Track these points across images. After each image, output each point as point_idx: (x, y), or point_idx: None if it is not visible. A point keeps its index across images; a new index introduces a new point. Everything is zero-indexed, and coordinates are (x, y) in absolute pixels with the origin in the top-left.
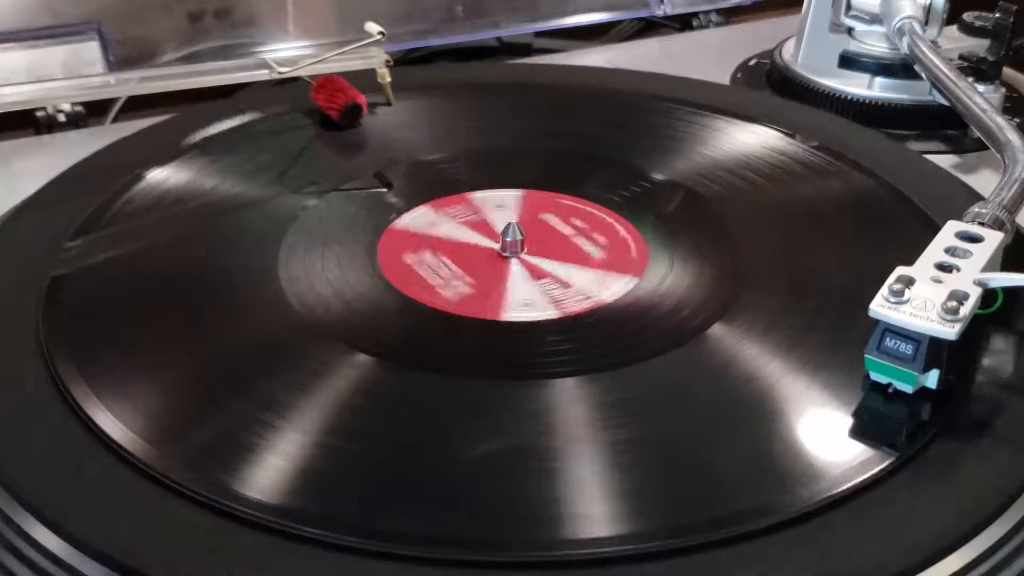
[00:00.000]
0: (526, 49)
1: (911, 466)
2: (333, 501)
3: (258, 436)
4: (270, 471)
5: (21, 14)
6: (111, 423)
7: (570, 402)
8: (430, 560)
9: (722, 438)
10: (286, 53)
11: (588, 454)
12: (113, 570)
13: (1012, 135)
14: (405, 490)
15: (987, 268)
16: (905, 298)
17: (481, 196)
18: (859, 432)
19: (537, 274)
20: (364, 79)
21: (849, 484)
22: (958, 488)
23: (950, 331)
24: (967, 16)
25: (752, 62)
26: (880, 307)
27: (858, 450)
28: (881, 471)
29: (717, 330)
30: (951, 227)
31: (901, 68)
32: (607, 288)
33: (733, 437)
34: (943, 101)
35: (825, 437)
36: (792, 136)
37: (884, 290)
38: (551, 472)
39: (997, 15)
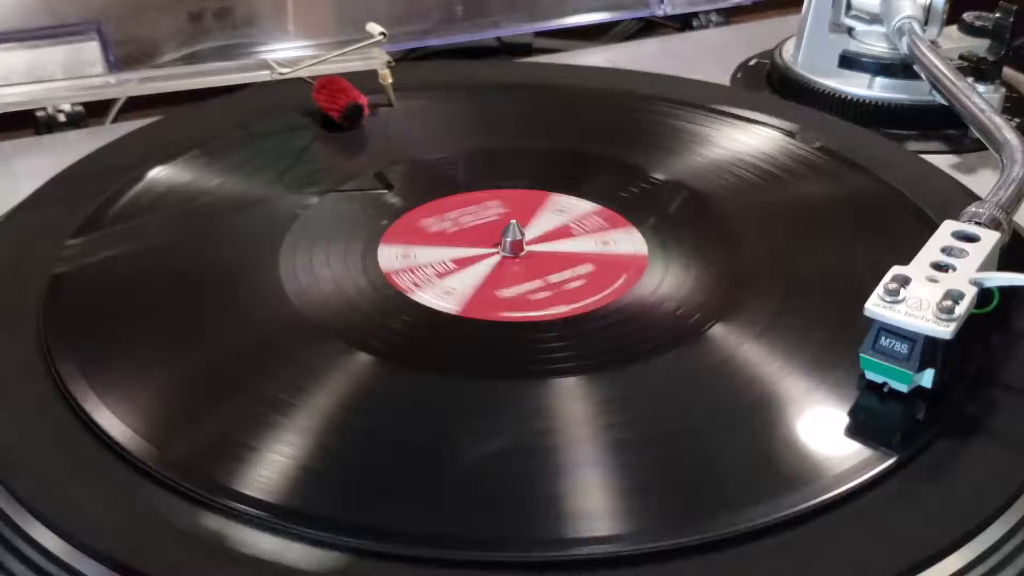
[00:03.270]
0: (526, 49)
1: (911, 466)
2: (333, 501)
3: (258, 436)
4: (270, 471)
5: (21, 14)
6: (111, 423)
7: (570, 402)
8: (430, 560)
9: (722, 438)
10: (286, 53)
11: (588, 454)
12: (113, 570)
13: (1010, 135)
14: (405, 490)
15: (983, 268)
16: (900, 297)
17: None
18: (860, 433)
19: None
20: (365, 80)
21: (849, 484)
22: (957, 488)
23: (945, 330)
24: (967, 16)
25: (752, 62)
26: (875, 306)
27: (859, 450)
28: (881, 471)
29: (717, 330)
30: (948, 227)
31: (901, 68)
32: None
33: (733, 437)
34: (942, 101)
35: (825, 438)
36: (792, 136)
37: (879, 289)
38: (551, 472)
39: (997, 15)
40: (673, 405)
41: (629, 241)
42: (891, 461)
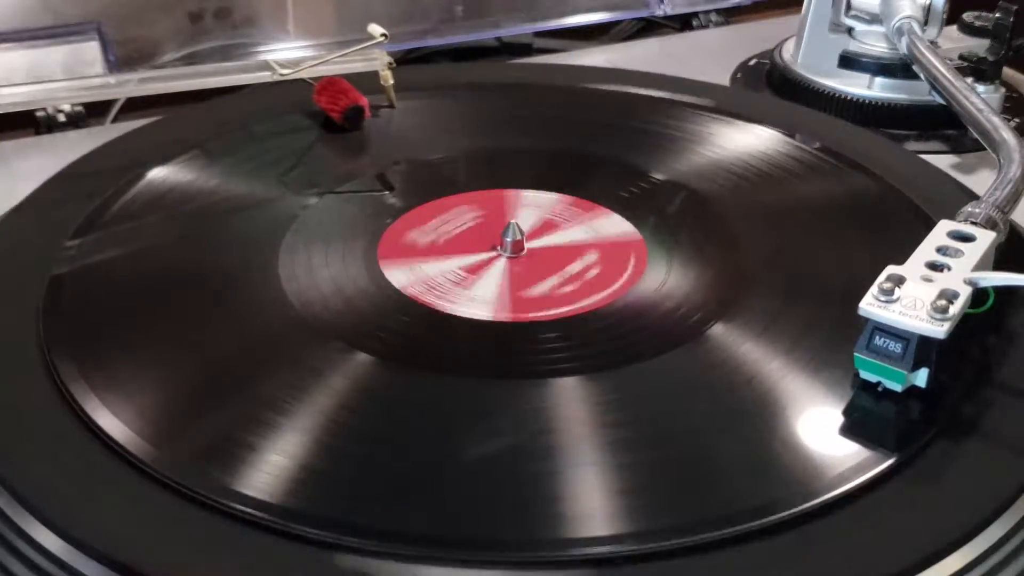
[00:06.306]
0: (526, 49)
1: (910, 466)
2: (333, 501)
3: (258, 436)
4: (270, 471)
5: (21, 14)
6: (111, 423)
7: (570, 402)
8: (429, 560)
9: (721, 438)
10: (286, 53)
11: (588, 454)
12: (113, 570)
13: (1007, 135)
14: (405, 490)
15: (979, 267)
16: (895, 297)
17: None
18: (860, 433)
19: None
20: (367, 81)
21: (848, 485)
22: (957, 488)
23: (939, 330)
24: (967, 16)
25: (752, 62)
26: (869, 305)
27: (858, 451)
28: (880, 472)
29: (717, 330)
30: (943, 226)
31: (901, 68)
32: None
33: (732, 437)
34: (941, 101)
35: (824, 438)
36: (792, 136)
37: (874, 288)
38: (551, 472)
39: (997, 15)
40: (672, 405)
41: (612, 224)
42: (890, 461)
